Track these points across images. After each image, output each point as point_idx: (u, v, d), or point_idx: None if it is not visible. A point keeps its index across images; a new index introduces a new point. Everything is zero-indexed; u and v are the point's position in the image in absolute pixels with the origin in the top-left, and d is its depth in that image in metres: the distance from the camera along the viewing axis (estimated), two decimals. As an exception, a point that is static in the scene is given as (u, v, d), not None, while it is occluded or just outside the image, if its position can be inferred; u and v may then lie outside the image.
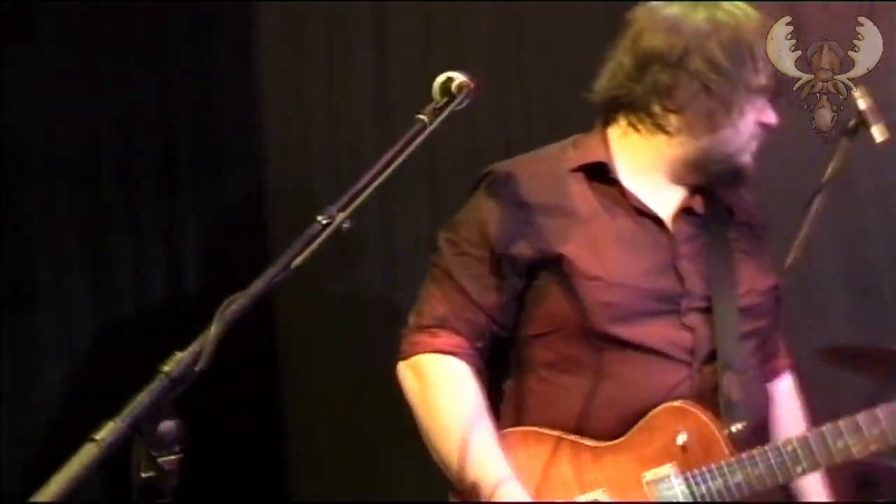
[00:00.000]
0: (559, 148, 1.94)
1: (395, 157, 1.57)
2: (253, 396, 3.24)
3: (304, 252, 1.45)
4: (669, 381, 1.79)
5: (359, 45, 3.39)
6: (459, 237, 1.86)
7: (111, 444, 1.18)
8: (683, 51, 1.80)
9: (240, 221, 3.34)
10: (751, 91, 1.81)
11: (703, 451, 1.75)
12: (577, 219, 1.83)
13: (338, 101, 3.39)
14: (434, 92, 1.69)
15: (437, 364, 1.83)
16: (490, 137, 3.22)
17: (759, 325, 1.91)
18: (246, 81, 3.35)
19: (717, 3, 1.84)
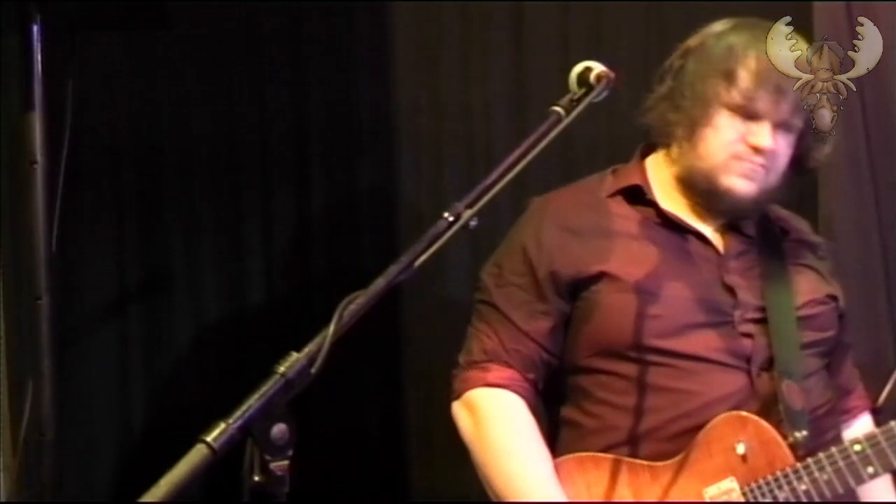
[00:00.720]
0: (598, 177, 1.95)
1: (528, 152, 1.51)
2: (374, 396, 3.24)
3: (429, 250, 1.39)
4: (727, 389, 1.74)
5: (495, 37, 3.33)
6: (502, 269, 1.87)
7: (222, 446, 1.15)
8: (668, 69, 1.87)
9: (370, 215, 3.33)
10: (721, 106, 1.76)
11: (766, 460, 1.69)
12: (617, 238, 1.82)
13: (472, 94, 3.34)
14: (571, 82, 1.63)
15: (490, 398, 1.82)
16: (629, 129, 3.10)
17: (821, 336, 1.85)
18: (381, 74, 3.33)
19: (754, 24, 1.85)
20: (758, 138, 1.78)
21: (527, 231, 1.89)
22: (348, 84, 3.32)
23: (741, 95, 1.78)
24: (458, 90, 3.33)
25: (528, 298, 1.83)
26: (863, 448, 1.69)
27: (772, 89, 1.78)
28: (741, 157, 1.79)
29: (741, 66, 1.79)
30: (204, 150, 3.19)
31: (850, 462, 1.68)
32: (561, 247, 1.83)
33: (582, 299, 1.82)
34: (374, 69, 3.31)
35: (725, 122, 1.78)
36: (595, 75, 1.61)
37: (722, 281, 1.81)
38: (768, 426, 1.72)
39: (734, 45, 1.81)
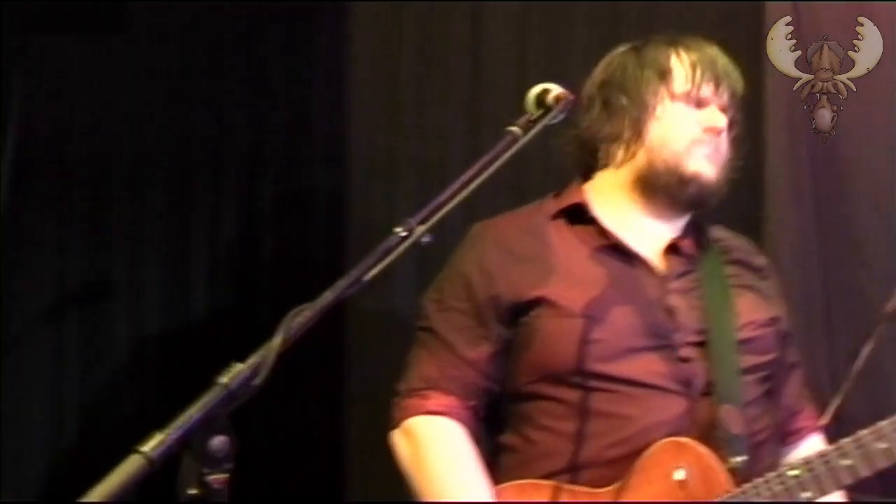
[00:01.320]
0: (539, 202, 1.96)
1: (483, 170, 1.51)
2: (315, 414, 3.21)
3: (379, 265, 1.37)
4: (667, 414, 1.74)
5: (452, 57, 3.34)
6: (443, 295, 1.86)
7: (158, 457, 1.12)
8: (590, 87, 1.91)
9: (321, 233, 3.31)
10: (666, 99, 1.81)
11: (705, 487, 1.69)
12: (558, 262, 1.81)
13: (428, 114, 3.34)
14: (528, 104, 1.63)
15: (429, 426, 1.80)
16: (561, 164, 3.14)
17: (761, 360, 1.85)
18: (336, 92, 3.31)
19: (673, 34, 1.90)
20: (712, 121, 1.81)
21: (468, 257, 1.88)
22: (304, 102, 3.31)
23: (684, 83, 1.81)
24: (415, 110, 3.33)
25: (469, 324, 1.81)
26: (799, 473, 1.69)
27: (710, 76, 1.81)
28: (701, 142, 1.81)
29: (673, 60, 1.83)
30: (154, 155, 3.16)
31: (787, 487, 1.68)
32: (502, 271, 1.82)
33: (522, 325, 1.80)
34: (331, 87, 3.30)
35: (676, 112, 1.80)
36: (553, 97, 1.61)
37: (662, 303, 1.81)
38: (707, 452, 1.71)
39: (657, 47, 1.85)
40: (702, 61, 1.81)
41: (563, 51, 3.27)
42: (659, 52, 1.83)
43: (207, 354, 3.03)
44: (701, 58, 1.82)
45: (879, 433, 1.68)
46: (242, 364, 1.22)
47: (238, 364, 1.22)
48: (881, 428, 1.69)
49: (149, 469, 1.11)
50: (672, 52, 1.83)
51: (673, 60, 1.82)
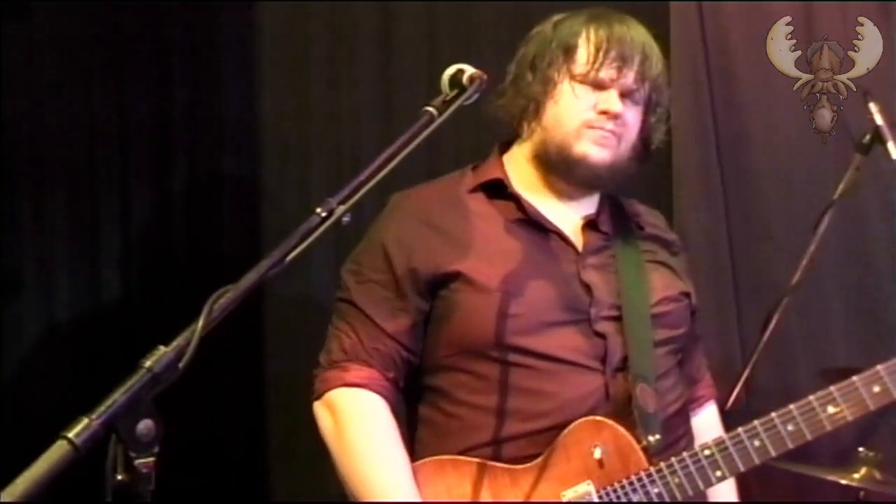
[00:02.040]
0: (458, 174, 1.96)
1: (400, 150, 1.51)
2: (235, 396, 3.18)
3: (301, 245, 1.37)
4: (583, 389, 1.77)
5: (362, 43, 3.33)
6: (362, 266, 1.86)
7: (84, 442, 1.10)
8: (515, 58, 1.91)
9: (234, 218, 3.27)
10: (566, 78, 1.82)
11: (622, 464, 1.73)
12: (477, 235, 1.82)
13: (339, 99, 3.32)
14: (443, 84, 1.64)
15: (349, 398, 1.81)
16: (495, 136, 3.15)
17: (673, 333, 1.90)
18: (246, 77, 3.28)
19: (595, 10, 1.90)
20: (607, 104, 1.80)
21: (387, 228, 1.88)
22: (213, 85, 3.26)
23: (584, 65, 1.80)
24: (326, 94, 3.32)
25: (387, 296, 1.82)
26: (712, 453, 1.73)
27: (614, 57, 1.79)
28: (592, 125, 1.81)
29: (581, 39, 1.81)
30: (60, 146, 3.08)
31: (700, 466, 1.72)
32: (421, 243, 1.82)
33: (441, 298, 1.81)
34: (240, 72, 3.26)
35: (573, 93, 1.80)
36: (468, 77, 1.61)
37: (579, 278, 1.83)
38: (624, 431, 1.75)
39: (572, 23, 1.85)
40: (609, 41, 1.80)
41: (473, 33, 3.29)
42: (571, 29, 1.83)
43: (120, 344, 3.00)
44: (609, 37, 1.80)
45: (789, 415, 1.73)
46: (166, 347, 1.21)
47: (161, 347, 1.21)
48: (790, 411, 1.74)
49: (74, 454, 1.09)
50: (583, 30, 1.83)
51: (581, 39, 1.81)
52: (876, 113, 2.76)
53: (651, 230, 1.98)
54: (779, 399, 3.29)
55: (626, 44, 1.81)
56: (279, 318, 3.23)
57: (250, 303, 3.42)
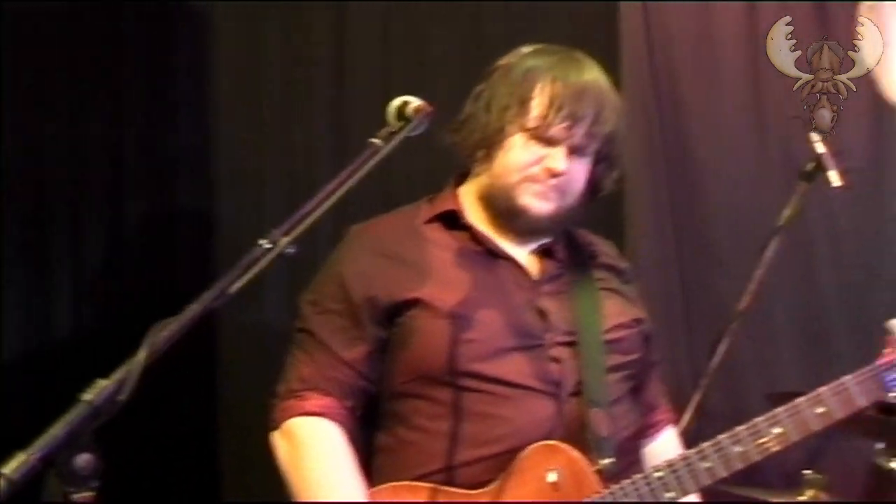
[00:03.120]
0: (414, 206, 1.99)
1: (345, 181, 1.53)
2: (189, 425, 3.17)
3: (244, 277, 1.38)
4: (538, 414, 1.79)
5: (316, 73, 3.35)
6: (320, 296, 1.88)
7: (20, 478, 1.09)
8: (476, 93, 1.89)
9: (187, 248, 3.27)
10: (517, 129, 1.82)
11: (576, 488, 1.75)
12: (433, 263, 1.85)
13: (294, 130, 3.34)
14: (389, 116, 1.66)
15: (306, 427, 1.82)
16: (448, 164, 3.18)
17: (626, 359, 1.92)
18: (200, 105, 3.28)
19: (556, 51, 1.89)
20: (551, 162, 1.81)
21: (345, 258, 1.89)
22: (166, 116, 3.26)
23: (536, 120, 1.80)
24: (280, 126, 3.33)
25: (345, 325, 1.83)
26: (663, 475, 1.75)
27: (566, 115, 1.80)
28: (535, 179, 1.83)
29: (536, 92, 1.80)
30: (10, 178, 3.06)
31: (652, 488, 1.75)
32: (378, 273, 1.84)
33: (398, 325, 1.82)
34: (194, 102, 3.27)
35: (521, 145, 1.82)
36: (413, 109, 1.63)
37: (534, 305, 1.85)
38: (578, 455, 1.77)
39: (531, 70, 1.83)
40: (563, 98, 1.79)
41: (426, 63, 3.32)
42: (529, 79, 1.83)
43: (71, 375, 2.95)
44: (564, 94, 1.80)
45: (736, 437, 1.76)
46: (106, 380, 1.21)
47: (102, 380, 1.21)
48: (738, 433, 1.76)
49: (10, 490, 1.08)
50: (539, 82, 1.82)
51: (536, 92, 1.81)
52: (817, 142, 2.83)
53: (604, 259, 2.01)
54: (729, 423, 3.34)
55: (580, 102, 1.80)
56: (233, 348, 3.23)
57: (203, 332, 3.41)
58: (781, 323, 3.44)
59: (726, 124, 3.48)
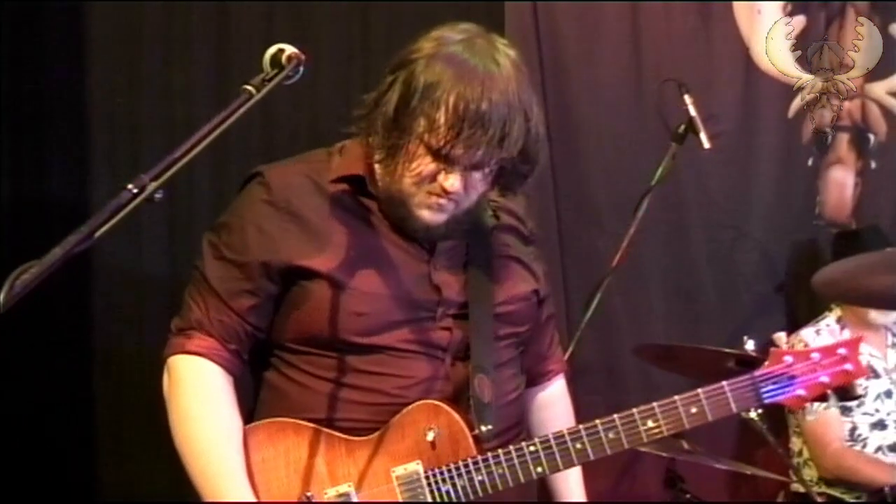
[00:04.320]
0: (326, 155, 1.93)
1: (216, 128, 1.51)
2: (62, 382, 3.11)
3: (110, 222, 1.36)
4: (422, 374, 1.83)
5: (199, 20, 3.29)
6: (220, 241, 1.86)
7: None
8: (387, 82, 1.78)
9: (62, 196, 3.18)
10: (413, 138, 1.75)
11: (452, 449, 1.79)
12: (334, 230, 1.84)
13: (173, 76, 3.27)
14: (265, 63, 1.64)
15: (185, 364, 1.83)
16: (331, 117, 3.17)
17: (516, 330, 1.94)
18: (75, 50, 3.19)
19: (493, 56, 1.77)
20: (447, 182, 1.78)
21: (250, 210, 1.85)
22: (38, 59, 3.15)
23: (438, 139, 1.74)
24: (159, 71, 3.26)
25: (236, 276, 1.82)
26: (536, 450, 1.77)
27: (467, 137, 1.73)
28: (431, 193, 1.79)
29: (441, 112, 1.73)
30: None
31: (523, 461, 1.77)
32: (279, 235, 1.82)
33: (291, 289, 1.82)
34: (68, 45, 3.17)
35: (420, 159, 1.78)
36: (286, 56, 1.60)
37: (429, 279, 1.85)
38: (458, 418, 1.79)
39: (437, 84, 1.74)
40: (465, 120, 1.72)
41: (311, 11, 3.30)
42: (437, 92, 1.74)
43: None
44: (466, 115, 1.72)
45: (612, 424, 1.79)
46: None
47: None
48: (613, 420, 1.79)
49: None
50: (446, 98, 1.73)
51: (441, 112, 1.72)
52: (689, 105, 2.92)
53: (507, 219, 1.99)
54: (601, 374, 3.49)
55: (481, 127, 1.73)
56: (108, 297, 3.17)
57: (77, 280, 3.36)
58: (653, 279, 3.56)
59: (605, 88, 3.55)
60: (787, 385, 1.78)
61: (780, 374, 1.78)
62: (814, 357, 1.79)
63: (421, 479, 1.77)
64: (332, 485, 1.78)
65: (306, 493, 1.76)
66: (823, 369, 1.78)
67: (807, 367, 1.78)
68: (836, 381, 1.79)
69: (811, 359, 1.79)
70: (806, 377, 1.78)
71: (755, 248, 3.62)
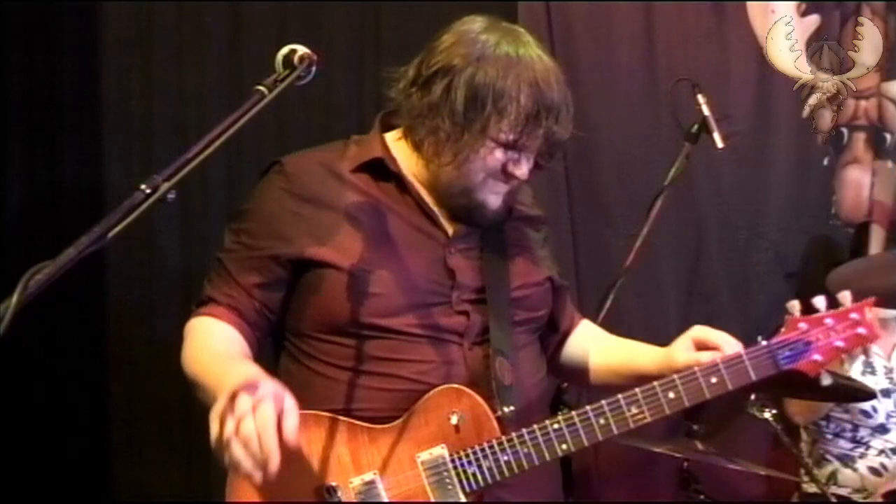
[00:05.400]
0: (343, 144, 1.97)
1: (228, 128, 1.52)
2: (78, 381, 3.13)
3: (123, 222, 1.37)
4: (440, 359, 1.84)
5: (212, 22, 3.30)
6: (241, 227, 1.90)
7: None
8: (433, 75, 1.81)
9: (75, 199, 3.19)
10: (486, 137, 1.80)
11: (476, 432, 1.80)
12: (350, 215, 1.86)
13: (186, 78, 3.28)
14: (277, 64, 1.66)
15: (200, 323, 1.88)
16: (343, 118, 3.18)
17: (533, 315, 1.97)
18: (88, 53, 3.20)
19: (528, 42, 1.84)
20: (517, 169, 1.84)
21: (273, 198, 1.88)
22: (52, 61, 3.16)
23: (509, 131, 1.79)
24: (172, 74, 3.27)
25: (246, 255, 1.86)
26: (560, 427, 1.78)
27: (536, 126, 1.79)
28: (497, 180, 1.85)
29: (514, 104, 1.78)
30: None
31: (548, 439, 1.78)
32: (294, 222, 1.85)
33: (304, 276, 1.85)
34: (81, 49, 3.18)
35: (490, 153, 1.81)
36: (298, 57, 1.62)
37: (444, 263, 1.87)
38: (481, 401, 1.80)
39: (506, 81, 1.78)
40: (542, 110, 1.79)
41: (323, 13, 3.31)
42: (506, 91, 1.78)
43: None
44: (541, 105, 1.79)
45: (633, 398, 1.79)
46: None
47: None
48: (635, 394, 1.79)
49: None
50: (516, 94, 1.78)
51: (514, 107, 1.78)
52: (703, 104, 2.91)
53: (519, 209, 2.01)
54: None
55: (556, 113, 1.80)
56: (120, 292, 3.19)
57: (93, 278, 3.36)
58: (668, 280, 3.55)
59: (619, 88, 3.55)
60: (803, 351, 1.81)
61: (796, 340, 1.81)
62: (827, 322, 1.82)
63: (447, 463, 1.78)
64: (356, 473, 1.78)
65: (331, 484, 1.76)
66: (838, 334, 1.81)
67: (821, 332, 1.82)
68: (850, 345, 1.82)
69: (825, 324, 1.82)
70: (821, 342, 1.81)
71: (769, 248, 3.61)
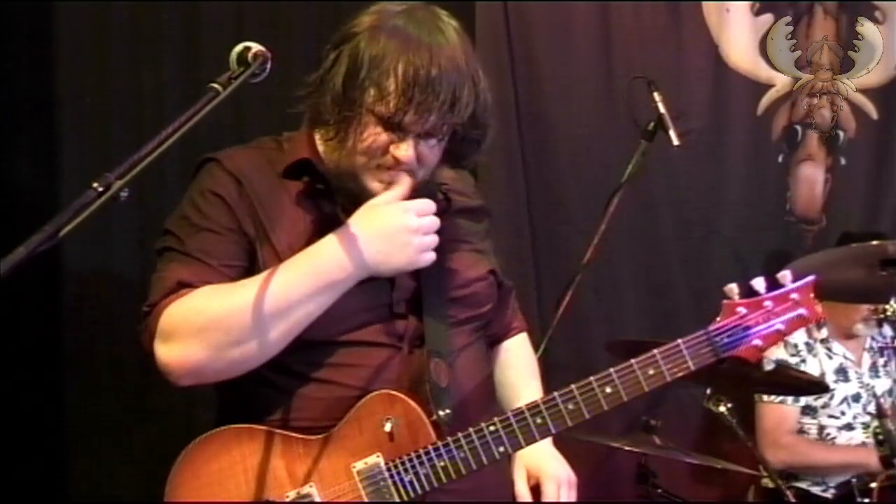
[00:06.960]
0: (274, 143, 1.92)
1: (182, 126, 1.50)
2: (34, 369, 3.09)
3: (75, 220, 1.35)
4: (379, 365, 1.80)
5: (168, 20, 3.27)
6: (193, 217, 1.81)
7: None
8: (331, 59, 1.77)
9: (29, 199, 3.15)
10: (369, 113, 1.74)
11: (412, 438, 1.76)
12: (285, 218, 1.81)
13: (143, 77, 3.26)
14: (231, 62, 1.63)
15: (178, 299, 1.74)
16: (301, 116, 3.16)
17: (477, 312, 1.93)
18: (43, 50, 3.16)
19: (442, 31, 1.77)
20: (399, 151, 1.76)
21: (217, 185, 1.82)
22: (4, 62, 3.10)
23: (387, 108, 1.72)
24: (128, 72, 3.24)
25: (220, 238, 1.79)
26: (496, 429, 1.74)
27: (418, 103, 1.71)
28: (383, 165, 1.77)
29: (391, 80, 1.71)
30: None
31: (484, 441, 1.73)
32: (246, 208, 1.80)
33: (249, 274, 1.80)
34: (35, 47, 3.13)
35: (371, 129, 1.75)
36: (252, 54, 1.59)
37: None
38: (415, 405, 1.76)
39: (386, 53, 1.72)
40: (417, 86, 1.70)
41: (281, 10, 3.29)
42: (384, 61, 1.72)
43: None
44: (417, 81, 1.71)
45: (569, 395, 1.75)
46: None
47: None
48: (571, 391, 1.75)
49: None
50: (394, 65, 1.71)
51: (391, 80, 1.71)
52: (659, 102, 2.94)
53: (458, 202, 1.97)
54: (574, 371, 3.49)
55: (432, 92, 1.71)
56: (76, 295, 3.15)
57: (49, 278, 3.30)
58: (625, 276, 3.58)
59: (576, 86, 3.57)
60: (742, 336, 1.73)
61: (735, 325, 1.73)
62: (767, 305, 1.74)
63: (382, 472, 1.74)
64: (292, 487, 1.74)
65: (267, 499, 1.72)
66: (777, 317, 1.74)
67: (761, 316, 1.73)
68: (791, 328, 1.75)
69: (764, 307, 1.74)
70: (761, 326, 1.73)
71: (726, 244, 3.66)
